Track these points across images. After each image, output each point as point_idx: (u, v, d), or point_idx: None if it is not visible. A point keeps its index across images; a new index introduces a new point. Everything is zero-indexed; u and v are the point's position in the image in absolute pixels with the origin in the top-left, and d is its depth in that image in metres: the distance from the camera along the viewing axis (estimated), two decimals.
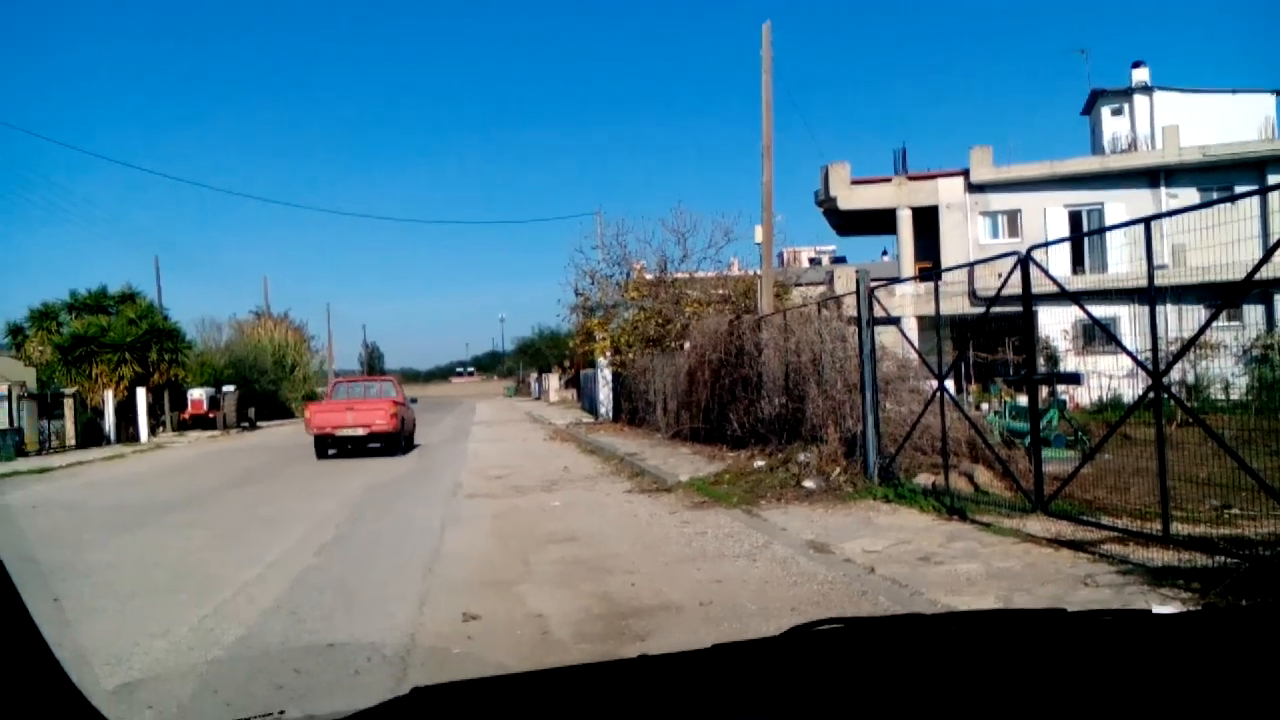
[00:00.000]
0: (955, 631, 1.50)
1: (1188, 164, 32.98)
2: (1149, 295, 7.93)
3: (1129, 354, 8.55)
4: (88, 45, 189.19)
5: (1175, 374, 8.97)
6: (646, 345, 28.86)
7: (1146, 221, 7.79)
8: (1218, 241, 9.63)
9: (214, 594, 7.73)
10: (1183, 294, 18.88)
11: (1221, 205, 8.05)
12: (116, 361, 37.57)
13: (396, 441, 23.25)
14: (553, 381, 71.13)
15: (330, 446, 23.07)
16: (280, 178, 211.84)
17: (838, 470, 12.20)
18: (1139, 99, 38.55)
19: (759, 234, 23.61)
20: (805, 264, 47.83)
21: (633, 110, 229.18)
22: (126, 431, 35.77)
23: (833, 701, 1.32)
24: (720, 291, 29.28)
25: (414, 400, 32.07)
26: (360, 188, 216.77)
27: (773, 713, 1.23)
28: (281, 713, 1.48)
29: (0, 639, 0.98)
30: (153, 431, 37.39)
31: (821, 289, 31.93)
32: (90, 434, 33.86)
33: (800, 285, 32.86)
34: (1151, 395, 7.66)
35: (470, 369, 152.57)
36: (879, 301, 12.07)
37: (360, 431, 22.60)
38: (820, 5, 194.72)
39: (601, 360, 34.83)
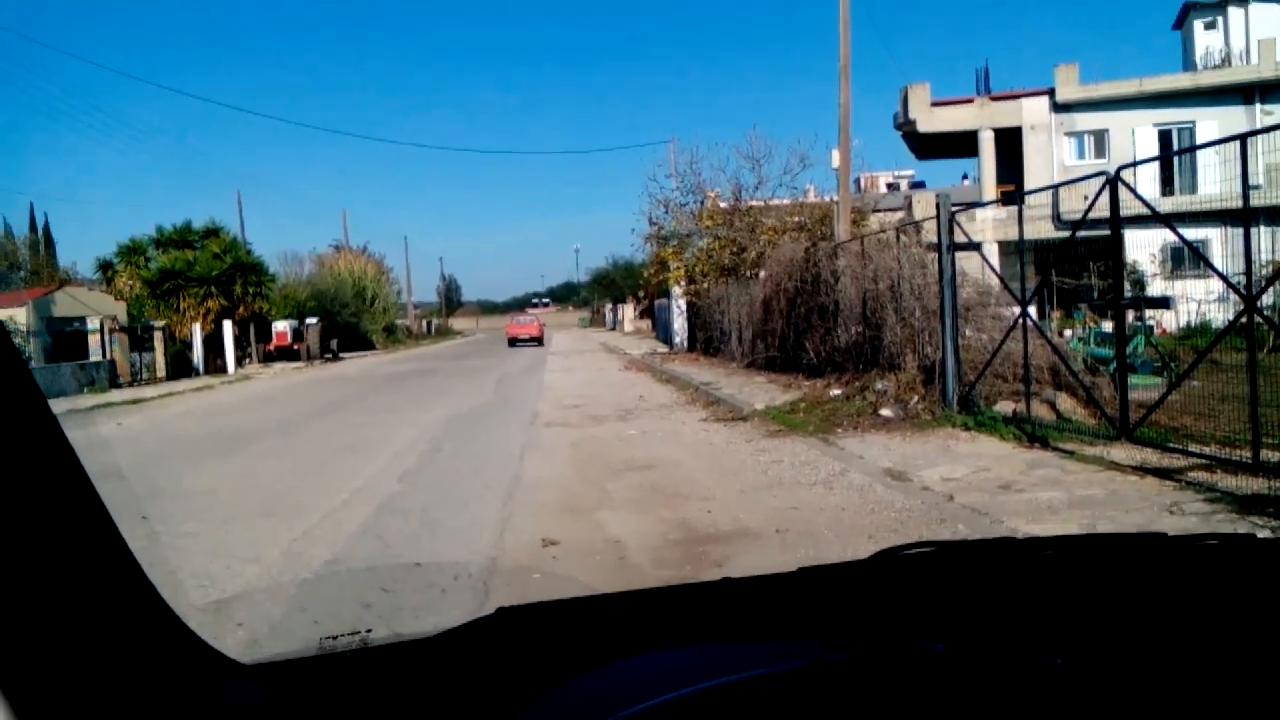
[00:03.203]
0: (1050, 555, 1.47)
1: None
2: (1243, 216, 7.64)
3: (1221, 276, 8.29)
4: None
5: (1268, 298, 8.65)
6: (721, 274, 28.68)
7: (1242, 138, 7.48)
8: None
9: (302, 519, 7.96)
10: (1277, 216, 18.20)
11: None
12: (203, 295, 38.52)
13: (540, 341, 51.48)
14: (627, 312, 71.22)
15: (514, 344, 50.45)
16: (358, 112, 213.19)
17: (916, 398, 12.08)
18: (1233, 11, 36.71)
19: (836, 159, 23.22)
20: (883, 189, 46.94)
21: (708, 35, 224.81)
22: (214, 363, 36.77)
23: (925, 624, 1.31)
24: (796, 219, 28.89)
25: (541, 329, 57.16)
26: (438, 121, 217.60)
27: (862, 635, 1.22)
28: (368, 631, 1.52)
29: (90, 557, 1.00)
30: (239, 363, 38.38)
31: (900, 215, 31.29)
32: (179, 366, 34.88)
33: (878, 211, 32.21)
34: (1244, 320, 7.42)
35: (546, 300, 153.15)
36: (959, 226, 11.82)
37: (526, 336, 51.72)
38: None
39: (676, 290, 34.72)
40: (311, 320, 46.82)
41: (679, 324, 35.81)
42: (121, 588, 1.03)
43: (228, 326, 37.77)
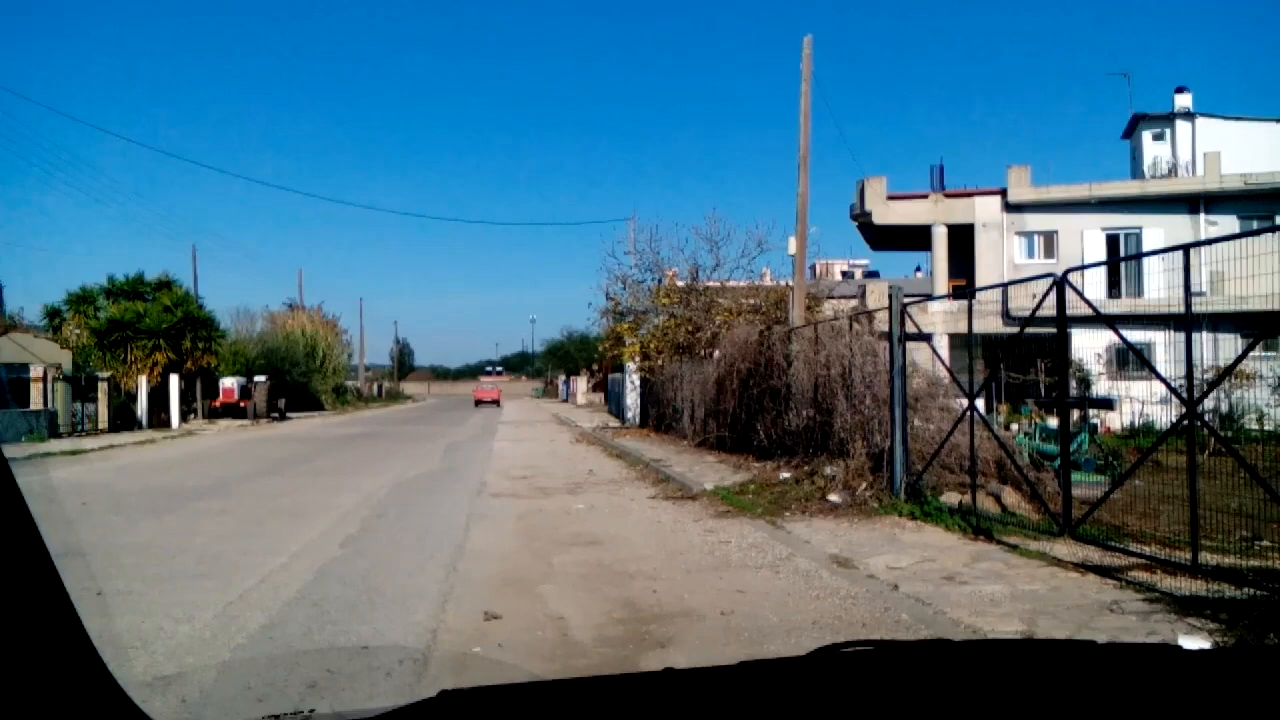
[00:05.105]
0: (984, 659, 1.50)
1: (1228, 191, 32.59)
2: (1186, 322, 7.85)
3: (1163, 380, 8.47)
4: (133, 32, 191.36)
5: (1209, 402, 8.87)
6: (676, 352, 28.85)
7: (1185, 249, 7.72)
8: (1258, 271, 9.52)
9: (239, 581, 7.81)
10: (1219, 322, 18.69)
11: (1263, 234, 7.97)
12: (151, 348, 37.97)
13: (499, 404, 64.97)
14: (580, 384, 71.42)
15: (478, 404, 64.07)
16: (318, 173, 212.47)
17: (864, 485, 12.15)
18: (1181, 124, 38.15)
19: (792, 245, 23.58)
20: (838, 277, 47.72)
21: (669, 117, 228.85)
22: (158, 417, 36.13)
23: None
24: (751, 301, 29.23)
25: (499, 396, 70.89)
26: (396, 185, 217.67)
27: None
28: (312, 711, 1.51)
29: (40, 626, 0.99)
30: (184, 418, 37.76)
31: (853, 303, 31.77)
32: (122, 418, 34.24)
33: (832, 298, 32.71)
34: (1185, 423, 7.59)
35: (499, 368, 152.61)
36: (911, 318, 12.02)
37: (488, 399, 66.55)
38: (861, 22, 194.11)
39: (630, 365, 34.84)
40: (260, 378, 46.30)
41: (631, 399, 35.87)
42: (71, 662, 1.02)
43: (174, 381, 37.20)
